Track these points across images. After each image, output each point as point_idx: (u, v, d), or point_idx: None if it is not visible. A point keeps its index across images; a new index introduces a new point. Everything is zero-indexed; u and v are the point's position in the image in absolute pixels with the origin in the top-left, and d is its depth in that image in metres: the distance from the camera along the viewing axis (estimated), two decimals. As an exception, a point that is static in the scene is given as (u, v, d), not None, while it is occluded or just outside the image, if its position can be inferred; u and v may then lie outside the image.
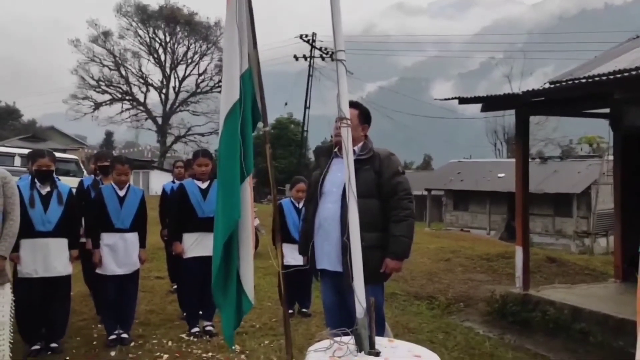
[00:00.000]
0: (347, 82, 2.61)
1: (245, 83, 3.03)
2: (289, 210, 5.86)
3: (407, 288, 7.67)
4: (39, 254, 4.35)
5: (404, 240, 3.25)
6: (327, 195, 3.30)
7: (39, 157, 4.45)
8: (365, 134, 3.41)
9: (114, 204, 4.82)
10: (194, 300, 5.07)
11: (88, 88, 42.70)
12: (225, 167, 2.95)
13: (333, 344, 2.30)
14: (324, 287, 3.46)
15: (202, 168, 5.07)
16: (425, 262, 9.63)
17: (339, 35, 2.59)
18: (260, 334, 5.09)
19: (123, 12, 42.97)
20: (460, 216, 28.96)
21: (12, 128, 45.35)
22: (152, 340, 4.87)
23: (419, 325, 5.73)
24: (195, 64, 44.50)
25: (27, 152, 8.28)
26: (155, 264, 8.27)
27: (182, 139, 44.73)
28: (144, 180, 31.70)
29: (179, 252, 5.04)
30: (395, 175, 3.30)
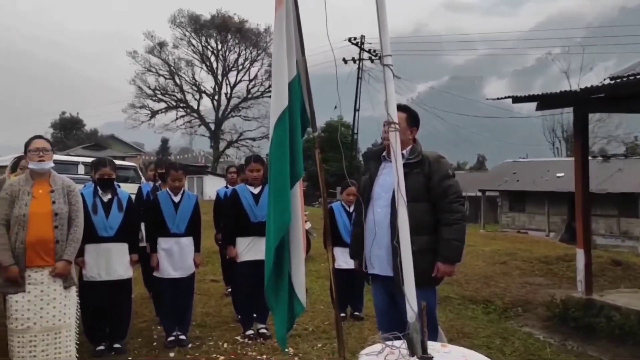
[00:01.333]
0: (396, 84, 2.61)
1: (294, 89, 3.07)
2: (340, 213, 5.88)
3: (461, 292, 7.52)
4: (101, 258, 4.56)
5: (456, 244, 3.20)
6: (377, 199, 3.29)
7: (101, 167, 4.68)
8: (414, 137, 3.39)
9: (169, 209, 4.98)
10: (248, 303, 5.16)
11: (145, 97, 44.37)
12: (276, 173, 2.99)
13: (385, 348, 2.30)
14: (375, 291, 3.45)
15: (254, 173, 5.16)
16: (480, 265, 9.41)
17: (385, 40, 2.59)
18: (313, 337, 5.12)
19: (177, 22, 44.39)
20: (516, 217, 28.15)
21: (75, 137, 47.60)
22: (209, 342, 5.00)
23: (474, 329, 5.60)
24: (246, 70, 45.40)
25: (90, 160, 8.70)
26: (210, 268, 8.47)
27: (235, 144, 45.63)
28: (198, 186, 32.52)
29: (233, 256, 5.14)
30: (445, 178, 3.26)
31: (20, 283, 3.57)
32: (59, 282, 3.68)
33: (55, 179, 3.82)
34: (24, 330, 3.56)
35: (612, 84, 6.32)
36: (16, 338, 3.56)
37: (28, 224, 3.59)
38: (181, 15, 44.37)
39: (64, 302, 3.70)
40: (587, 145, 7.06)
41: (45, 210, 3.66)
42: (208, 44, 45.26)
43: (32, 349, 3.55)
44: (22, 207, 3.61)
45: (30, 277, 3.61)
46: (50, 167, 3.80)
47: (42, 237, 3.62)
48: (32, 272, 3.61)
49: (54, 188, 3.76)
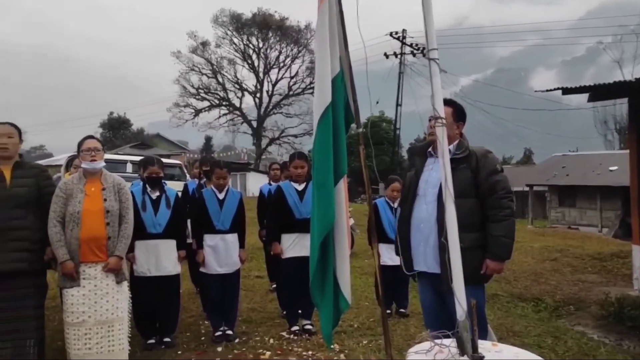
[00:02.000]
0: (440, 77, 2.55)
1: (337, 85, 3.05)
2: (384, 209, 5.83)
3: (510, 289, 7.34)
4: (151, 254, 4.69)
5: (505, 241, 3.11)
6: (423, 196, 3.24)
7: (149, 165, 4.81)
8: (460, 131, 3.32)
9: (214, 206, 5.05)
10: (293, 299, 5.19)
11: (189, 96, 45.23)
12: (319, 169, 2.99)
13: (434, 347, 2.26)
14: (422, 289, 3.41)
15: (298, 170, 5.18)
16: (529, 262, 9.17)
17: (431, 34, 2.53)
18: (359, 334, 5.10)
19: (219, 22, 45.02)
20: (566, 213, 27.25)
21: (123, 137, 49.04)
22: (255, 337, 5.06)
23: (524, 328, 5.46)
24: (287, 67, 45.63)
25: (138, 159, 8.94)
26: (255, 264, 8.58)
27: (277, 141, 46.00)
28: (241, 183, 33.00)
29: (278, 253, 5.18)
30: (493, 173, 3.17)
31: (75, 278, 3.71)
32: (111, 277, 3.80)
33: (107, 177, 3.94)
34: (79, 324, 3.69)
35: (670, 73, 6.02)
36: (72, 331, 3.70)
37: (82, 221, 3.72)
38: (223, 14, 45.01)
39: (116, 297, 3.81)
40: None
41: (97, 208, 3.78)
42: (249, 42, 45.76)
43: (87, 341, 3.68)
44: (76, 204, 3.75)
45: (85, 272, 3.74)
46: (101, 166, 3.92)
47: (95, 233, 3.75)
48: (86, 267, 3.74)
49: (105, 186, 3.88)
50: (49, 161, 17.88)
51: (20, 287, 3.70)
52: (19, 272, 3.66)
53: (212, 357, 4.51)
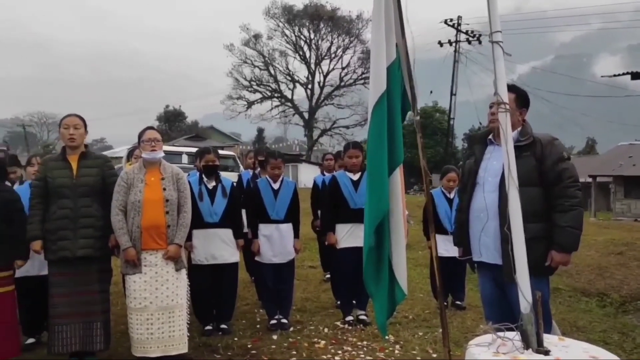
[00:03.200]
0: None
1: (393, 73, 3.00)
2: (440, 200, 5.72)
3: (572, 283, 7.07)
4: (208, 243, 4.78)
5: (572, 231, 2.98)
6: (483, 184, 3.15)
7: (205, 154, 4.91)
8: (523, 118, 3.19)
9: (269, 196, 5.10)
10: (348, 289, 5.18)
11: (241, 88, 45.89)
12: (373, 158, 2.94)
13: (496, 340, 2.19)
14: (482, 280, 3.31)
15: (353, 160, 5.15)
16: (593, 256, 8.77)
17: (494, 15, 2.44)
18: (414, 325, 5.04)
19: (271, 14, 45.38)
20: (633, 204, 25.93)
21: (178, 129, 50.37)
22: (309, 326, 5.09)
23: (589, 324, 5.24)
24: (339, 58, 45.50)
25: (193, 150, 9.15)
26: (308, 254, 8.62)
27: (328, 132, 46.03)
28: (293, 174, 33.24)
29: (333, 243, 5.17)
30: (559, 161, 3.03)
31: (137, 264, 3.84)
32: (171, 265, 3.91)
33: (166, 167, 4.05)
34: (141, 309, 3.82)
35: None
36: (135, 316, 3.83)
37: (142, 210, 3.84)
38: (275, 6, 45.34)
39: (176, 284, 3.92)
40: None
41: (157, 197, 3.89)
42: (301, 33, 45.89)
43: (149, 326, 3.81)
44: (137, 193, 3.87)
45: (146, 259, 3.87)
46: (161, 156, 4.03)
47: (155, 222, 3.86)
48: (147, 254, 3.87)
49: (164, 176, 3.98)
50: (110, 153, 18.62)
51: (88, 272, 3.89)
52: (87, 258, 3.84)
53: (268, 344, 4.57)
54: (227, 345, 4.55)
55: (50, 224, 3.85)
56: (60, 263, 3.83)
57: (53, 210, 3.86)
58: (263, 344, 4.59)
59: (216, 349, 4.46)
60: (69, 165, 3.92)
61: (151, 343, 3.81)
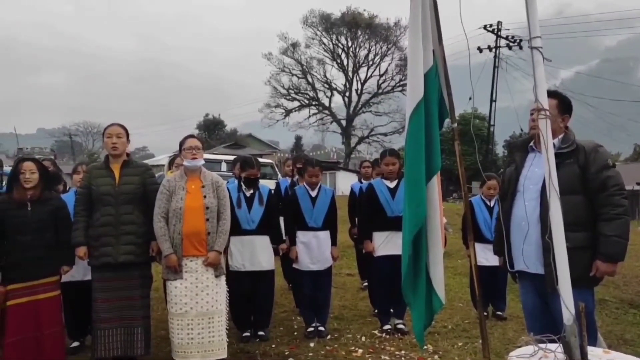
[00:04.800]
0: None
1: (430, 80, 2.99)
2: (480, 208, 5.62)
3: (619, 294, 6.81)
4: (245, 249, 4.84)
5: (618, 241, 2.88)
6: (524, 192, 3.08)
7: (249, 167, 4.96)
8: (566, 125, 3.12)
9: (307, 203, 5.12)
10: (385, 298, 5.15)
11: (279, 97, 46.27)
12: (411, 165, 2.94)
13: (538, 351, 2.14)
14: (523, 290, 3.24)
15: (390, 167, 5.13)
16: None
17: (534, 21, 2.40)
18: (453, 335, 4.96)
19: (309, 23, 45.68)
20: (683, 213, 24.84)
21: (217, 137, 51.14)
22: (347, 334, 5.07)
23: (637, 337, 5.03)
24: (376, 66, 45.37)
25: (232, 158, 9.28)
26: (345, 262, 8.60)
27: (366, 139, 45.88)
28: (330, 181, 33.26)
29: (370, 250, 5.15)
30: (604, 168, 2.94)
31: (178, 270, 3.92)
32: (210, 271, 3.98)
33: (206, 175, 4.13)
34: (182, 315, 3.90)
35: None
36: (176, 321, 3.91)
37: (184, 217, 3.92)
38: (312, 15, 45.62)
39: (215, 290, 3.99)
40: None
41: (198, 204, 3.97)
42: (338, 41, 46.01)
43: (189, 331, 3.88)
44: (179, 201, 3.96)
45: (187, 266, 3.95)
46: (202, 164, 4.11)
47: (196, 229, 3.94)
48: (188, 261, 3.95)
49: (204, 183, 4.06)
50: (151, 161, 19.09)
51: (130, 277, 3.99)
52: (128, 264, 3.95)
53: (305, 352, 4.58)
54: (265, 351, 4.59)
55: (93, 230, 3.98)
56: (103, 269, 3.95)
57: (96, 217, 3.99)
58: (300, 351, 4.60)
59: (254, 355, 4.49)
60: (112, 173, 4.05)
61: (191, 348, 3.88)
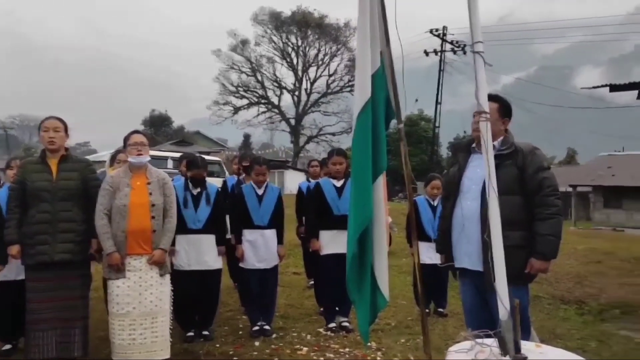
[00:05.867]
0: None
1: (377, 81, 3.03)
2: (424, 207, 5.77)
3: (552, 291, 7.15)
4: (192, 249, 4.78)
5: (551, 240, 3.03)
6: (466, 192, 3.19)
7: (194, 167, 4.90)
8: (506, 128, 3.25)
9: (253, 202, 5.09)
10: (331, 296, 5.19)
11: (228, 94, 45.78)
12: (358, 165, 2.97)
13: (475, 346, 2.22)
14: (463, 287, 3.35)
15: (337, 166, 5.17)
16: (572, 264, 8.90)
17: (476, 26, 2.49)
18: (397, 332, 5.07)
19: (258, 20, 45.40)
20: (612, 214, 26.37)
21: (164, 134, 49.99)
22: (292, 333, 5.08)
23: (567, 331, 5.31)
24: (326, 66, 45.67)
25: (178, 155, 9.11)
26: (292, 260, 8.61)
27: (314, 139, 46.08)
28: (279, 180, 33.18)
29: (316, 249, 5.18)
30: (540, 170, 3.09)
31: (121, 269, 3.81)
32: (155, 270, 3.89)
33: (152, 172, 4.03)
34: (124, 315, 3.79)
35: None
36: (117, 321, 3.80)
37: (128, 214, 3.82)
38: (262, 13, 45.37)
39: (160, 289, 3.90)
40: (697, 136, 6.46)
41: (143, 201, 3.88)
42: (288, 40, 45.99)
43: (131, 332, 3.78)
44: (123, 198, 3.85)
45: (130, 264, 3.84)
46: (147, 160, 4.01)
47: (141, 226, 3.84)
48: (131, 259, 3.84)
49: (150, 180, 3.97)
50: (94, 157, 18.45)
51: (67, 277, 3.85)
52: (66, 263, 3.81)
53: (250, 351, 4.56)
54: (209, 351, 4.53)
55: (28, 228, 3.81)
56: (38, 268, 3.79)
57: (32, 214, 3.82)
58: (245, 350, 4.57)
59: (197, 355, 4.44)
60: (49, 168, 3.88)
61: (133, 349, 3.78)
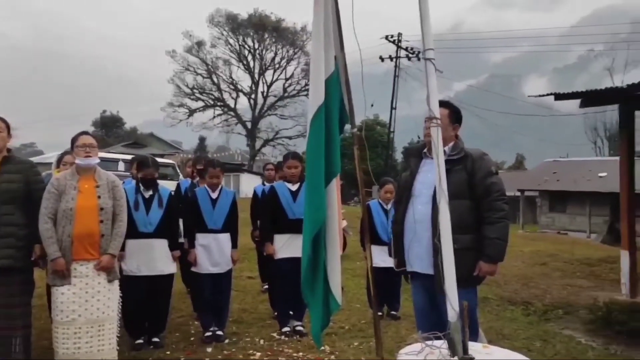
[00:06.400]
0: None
1: (332, 85, 3.05)
2: (377, 211, 5.84)
3: (500, 293, 7.38)
4: (142, 253, 4.65)
5: (499, 243, 3.13)
6: (418, 196, 3.25)
7: (144, 167, 4.78)
8: (456, 133, 3.34)
9: (207, 205, 5.03)
10: (285, 300, 5.18)
11: (183, 96, 45.03)
12: (311, 169, 2.99)
13: (425, 348, 2.26)
14: (414, 290, 3.41)
15: (292, 170, 5.17)
16: (519, 266, 9.22)
17: (427, 34, 2.54)
18: (350, 336, 5.10)
19: (215, 22, 44.92)
20: (556, 218, 27.42)
21: (115, 135, 48.64)
22: (245, 338, 5.04)
23: (514, 331, 5.49)
24: (283, 69, 45.61)
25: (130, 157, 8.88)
26: (247, 264, 8.54)
27: (271, 142, 45.94)
28: (234, 183, 32.88)
29: (271, 253, 5.16)
30: (488, 175, 3.19)
31: (66, 275, 3.68)
32: (103, 276, 3.78)
33: (100, 175, 3.91)
34: (69, 322, 3.66)
35: (662, 80, 6.08)
36: (61, 330, 3.66)
37: (75, 218, 3.69)
38: (219, 14, 44.94)
39: (107, 295, 3.79)
40: (633, 144, 6.82)
41: (91, 205, 3.76)
42: (245, 43, 45.69)
43: (76, 340, 3.65)
44: (69, 201, 3.72)
45: (76, 270, 3.71)
46: (96, 162, 3.89)
47: (88, 230, 3.72)
48: (78, 265, 3.71)
49: (99, 183, 3.85)
50: (40, 159, 17.71)
51: (8, 284, 3.67)
52: (7, 269, 3.63)
53: (202, 357, 4.49)
54: (159, 358, 4.45)
55: (-35, 232, 3.62)
56: (-22, 274, 3.60)
57: (-29, 218, 3.63)
58: (196, 357, 4.51)
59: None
60: (-11, 170, 3.71)
61: (79, 357, 3.65)
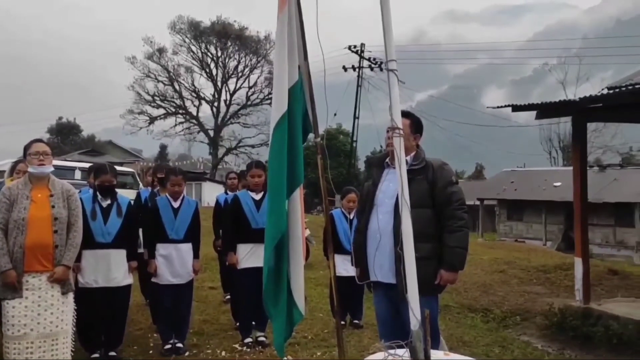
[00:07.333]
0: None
1: (295, 94, 3.06)
2: (340, 220, 5.85)
3: (460, 300, 7.50)
4: (99, 264, 4.51)
5: (459, 251, 3.18)
6: (380, 206, 3.28)
7: (102, 173, 4.65)
8: (417, 143, 3.39)
9: (169, 215, 4.94)
10: (247, 310, 5.12)
11: (144, 103, 44.19)
12: (274, 178, 2.98)
13: (387, 356, 2.27)
14: (377, 299, 3.43)
15: (256, 179, 5.13)
16: (479, 274, 9.38)
17: (390, 45, 2.58)
18: (313, 345, 5.08)
19: (177, 29, 44.36)
20: (514, 226, 28.19)
21: (72, 143, 47.39)
22: (206, 349, 4.96)
23: (474, 338, 5.58)
24: (246, 77, 45.40)
25: (87, 165, 8.65)
26: (209, 274, 8.42)
27: (233, 150, 45.58)
28: (196, 192, 32.44)
29: (233, 263, 5.10)
30: (449, 185, 3.25)
31: (17, 288, 3.53)
32: (56, 288, 3.65)
33: (55, 184, 3.79)
34: (20, 337, 3.52)
35: (611, 94, 6.35)
36: (12, 345, 3.51)
37: (27, 228, 3.56)
38: (181, 21, 44.42)
39: (61, 308, 3.66)
40: (585, 155, 7.06)
41: (44, 215, 3.63)
42: (208, 50, 45.30)
43: (28, 355, 3.51)
44: (21, 211, 3.58)
45: (28, 283, 3.57)
46: (50, 171, 3.77)
47: (41, 241, 3.59)
48: (29, 277, 3.58)
49: (53, 192, 3.73)
50: (-8, 166, 17.08)
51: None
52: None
53: (161, 370, 4.39)
54: (117, 372, 4.31)
55: None
56: None
57: None
58: (156, 370, 4.40)
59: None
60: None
61: (31, 373, 3.51)
